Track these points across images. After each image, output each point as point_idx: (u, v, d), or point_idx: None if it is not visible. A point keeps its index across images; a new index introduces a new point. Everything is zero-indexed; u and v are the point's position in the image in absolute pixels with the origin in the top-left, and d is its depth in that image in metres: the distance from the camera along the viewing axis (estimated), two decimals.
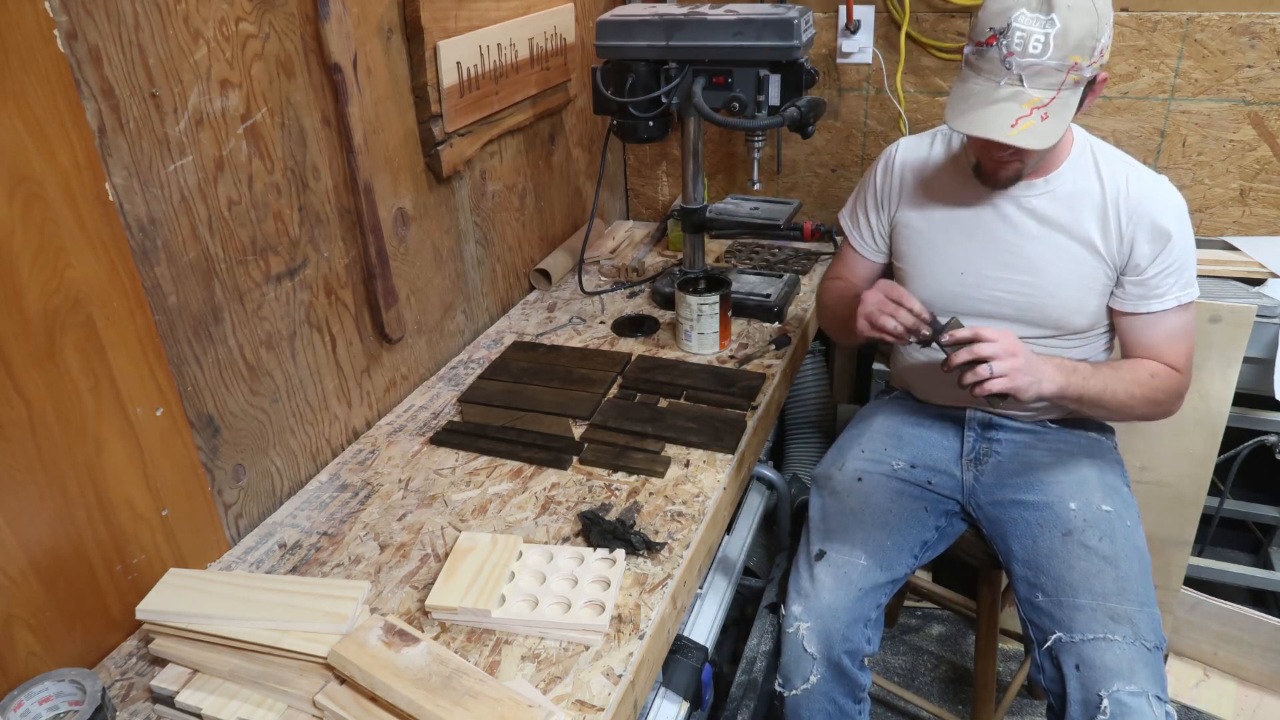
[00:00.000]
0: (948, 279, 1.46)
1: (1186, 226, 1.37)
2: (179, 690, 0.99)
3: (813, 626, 1.32)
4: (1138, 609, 1.26)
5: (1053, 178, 1.38)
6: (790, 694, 1.33)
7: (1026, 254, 1.40)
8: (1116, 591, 1.27)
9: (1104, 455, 1.49)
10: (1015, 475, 1.47)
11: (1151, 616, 1.26)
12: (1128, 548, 1.33)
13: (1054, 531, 1.36)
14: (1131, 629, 1.23)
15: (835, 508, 1.46)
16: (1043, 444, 1.50)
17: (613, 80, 1.69)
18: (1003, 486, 1.47)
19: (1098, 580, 1.29)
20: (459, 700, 0.91)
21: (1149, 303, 1.38)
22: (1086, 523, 1.36)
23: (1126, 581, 1.29)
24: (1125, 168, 1.39)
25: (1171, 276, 1.37)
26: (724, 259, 2.16)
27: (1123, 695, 1.18)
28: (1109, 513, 1.37)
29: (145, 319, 1.09)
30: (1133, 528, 1.37)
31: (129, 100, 1.04)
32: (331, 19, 1.29)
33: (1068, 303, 1.40)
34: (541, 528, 1.26)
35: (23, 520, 0.97)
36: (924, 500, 1.49)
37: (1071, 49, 1.17)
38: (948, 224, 1.45)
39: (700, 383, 1.59)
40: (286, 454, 1.37)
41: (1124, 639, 1.22)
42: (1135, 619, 1.25)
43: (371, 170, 1.44)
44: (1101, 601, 1.26)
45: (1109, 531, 1.34)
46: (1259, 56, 1.88)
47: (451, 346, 1.79)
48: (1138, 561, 1.32)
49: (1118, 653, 1.21)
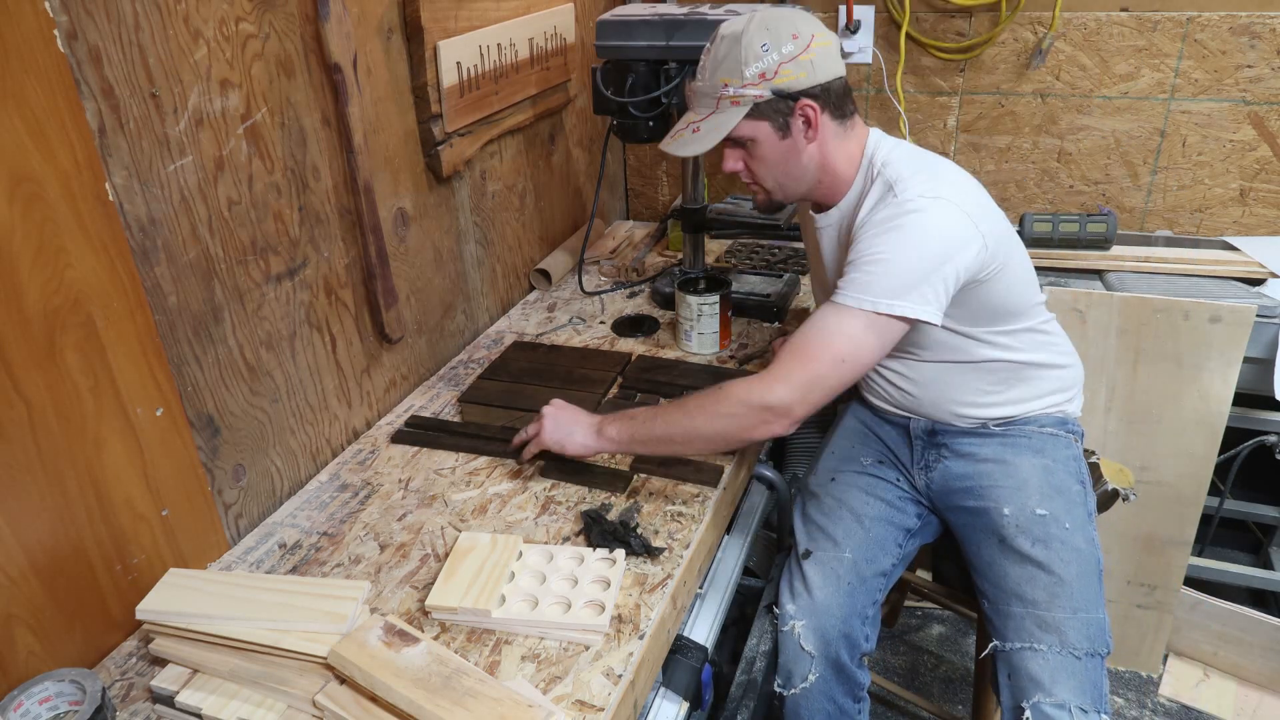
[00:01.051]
0: (821, 295, 1.54)
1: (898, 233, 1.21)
2: (179, 690, 0.99)
3: (808, 624, 1.33)
4: (1069, 615, 1.25)
5: (834, 210, 1.39)
6: (790, 693, 1.34)
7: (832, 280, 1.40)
8: (1047, 599, 1.27)
9: (1056, 453, 1.43)
10: (961, 479, 1.44)
11: (1086, 623, 1.24)
12: (1064, 551, 1.30)
13: (991, 538, 1.36)
14: (1058, 637, 1.23)
15: (815, 509, 1.48)
16: (986, 447, 1.45)
17: (613, 80, 1.69)
18: (950, 492, 1.45)
19: (1028, 587, 1.29)
20: (459, 700, 0.91)
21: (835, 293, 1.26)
22: (1019, 528, 1.33)
23: (1058, 587, 1.27)
24: (884, 187, 1.28)
25: (850, 270, 1.23)
26: (724, 259, 2.16)
27: (1043, 706, 1.19)
28: (1044, 516, 1.33)
29: (145, 319, 1.09)
30: (1072, 530, 1.32)
31: (129, 100, 1.04)
32: (331, 19, 1.29)
33: None
34: (541, 528, 1.26)
35: (23, 520, 0.97)
36: (897, 491, 1.49)
37: (718, 71, 1.28)
38: (811, 254, 1.54)
39: (700, 383, 1.59)
40: (286, 454, 1.37)
41: (1049, 648, 1.23)
42: (1064, 626, 1.24)
43: (371, 170, 1.44)
44: (1030, 609, 1.27)
45: (1043, 536, 1.32)
46: (1259, 56, 1.88)
47: (451, 346, 1.79)
48: (1075, 565, 1.29)
49: (1041, 663, 1.22)
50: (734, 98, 1.28)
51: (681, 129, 1.35)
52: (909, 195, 1.24)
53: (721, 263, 2.14)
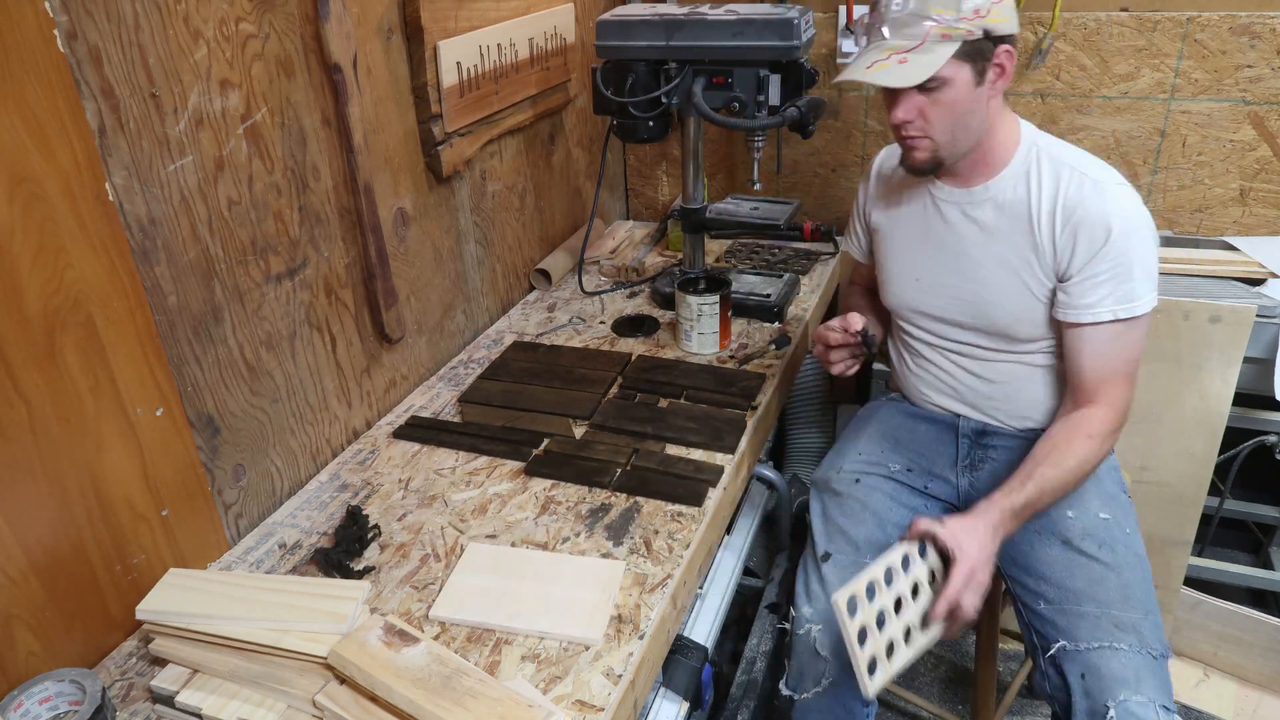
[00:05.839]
0: (908, 284, 1.47)
1: (1130, 236, 1.25)
2: (179, 690, 0.99)
3: (825, 628, 1.32)
4: (1142, 617, 1.25)
5: (992, 184, 1.34)
6: (800, 697, 1.33)
7: (971, 262, 1.38)
8: (1121, 599, 1.26)
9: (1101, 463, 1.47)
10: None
11: (1155, 625, 1.25)
12: (1128, 555, 1.32)
13: (1052, 539, 1.35)
14: (1137, 637, 1.22)
15: (836, 510, 1.46)
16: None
17: (613, 80, 1.69)
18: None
19: (1101, 588, 1.28)
20: (459, 700, 0.91)
21: (1079, 312, 1.29)
22: (1085, 531, 1.34)
23: (1130, 589, 1.28)
24: (1069, 171, 1.29)
25: (1103, 287, 1.27)
26: (724, 259, 2.16)
27: (1130, 705, 1.17)
28: (1107, 520, 1.35)
29: (145, 319, 1.09)
30: (1131, 535, 1.36)
31: (129, 100, 1.04)
32: (331, 19, 1.29)
33: (1011, 311, 1.37)
34: (541, 528, 1.26)
35: (23, 520, 0.97)
36: (922, 500, 1.49)
37: (931, 2, 1.18)
38: (908, 230, 1.46)
39: (700, 383, 1.59)
40: (286, 454, 1.37)
41: (1130, 647, 1.21)
42: (1140, 627, 1.24)
43: (371, 170, 1.44)
44: (1106, 609, 1.25)
45: (1108, 539, 1.33)
46: (1259, 56, 1.88)
47: (451, 346, 1.79)
48: (1139, 569, 1.31)
49: (1124, 661, 1.20)
50: (946, 31, 1.17)
51: (881, 58, 1.20)
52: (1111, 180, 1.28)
53: (721, 263, 2.14)
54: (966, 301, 1.40)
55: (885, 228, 1.50)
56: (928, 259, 1.43)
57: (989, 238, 1.36)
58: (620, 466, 1.37)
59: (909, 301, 1.47)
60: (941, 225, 1.40)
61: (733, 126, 1.60)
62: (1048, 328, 1.37)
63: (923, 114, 1.25)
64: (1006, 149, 1.33)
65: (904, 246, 1.47)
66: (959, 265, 1.39)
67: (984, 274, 1.37)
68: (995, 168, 1.33)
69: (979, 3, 1.18)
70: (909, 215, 1.45)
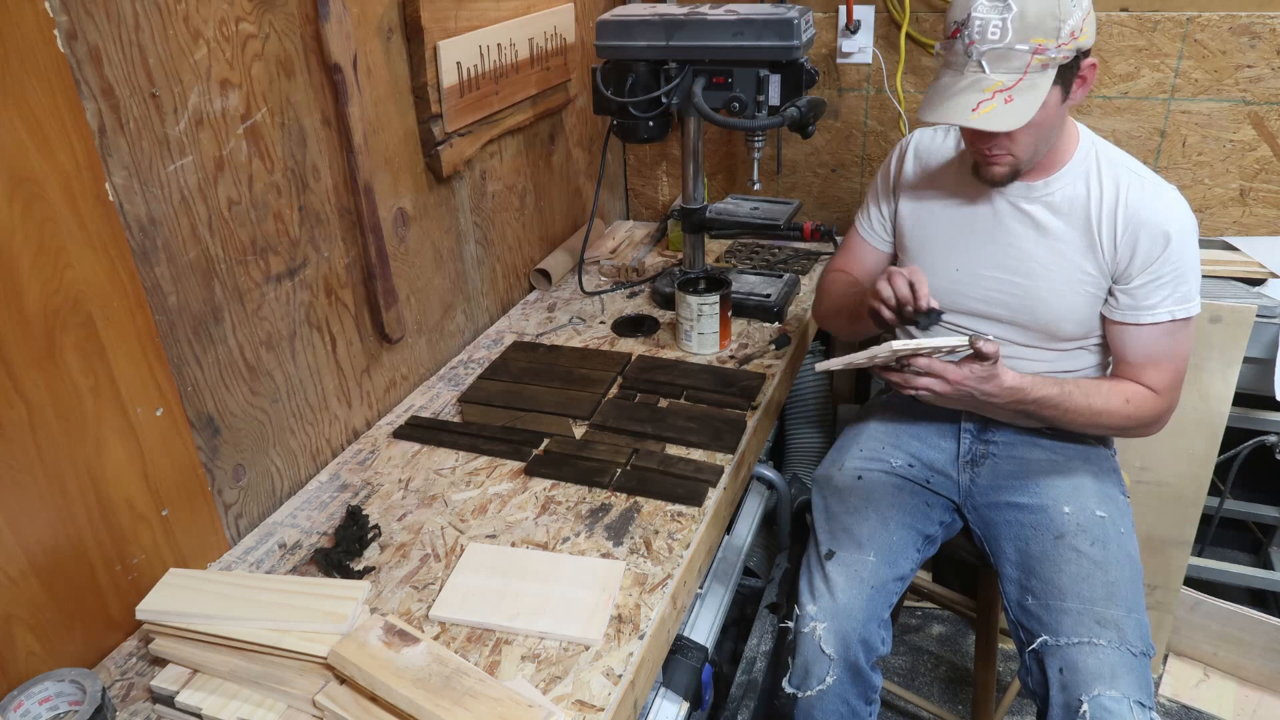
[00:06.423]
0: (943, 274, 1.45)
1: (1187, 240, 1.31)
2: (179, 690, 0.99)
3: (829, 626, 1.32)
4: (1125, 614, 1.26)
5: (1052, 181, 1.36)
6: (804, 695, 1.33)
7: (1020, 256, 1.39)
8: (1105, 596, 1.27)
9: (1100, 464, 1.48)
10: (1011, 478, 1.47)
11: (1139, 623, 1.26)
12: (1120, 554, 1.33)
13: (1047, 534, 1.36)
14: (1118, 634, 1.23)
15: (839, 508, 1.46)
16: (1039, 449, 1.50)
17: (613, 80, 1.69)
18: (998, 489, 1.47)
19: (1087, 584, 1.29)
20: (459, 700, 0.91)
21: (1138, 314, 1.34)
22: (1079, 527, 1.35)
23: (1116, 587, 1.28)
24: (1129, 175, 1.34)
25: (1164, 289, 1.32)
26: (724, 259, 2.16)
27: (1104, 700, 1.18)
28: (1103, 518, 1.37)
29: (145, 319, 1.09)
30: (1126, 535, 1.37)
31: (129, 100, 1.04)
32: (331, 19, 1.29)
33: (1057, 309, 1.38)
34: (541, 528, 1.26)
35: (23, 520, 0.97)
36: (924, 495, 1.49)
37: (1031, 30, 1.16)
38: (948, 219, 1.45)
39: (700, 383, 1.59)
40: (286, 454, 1.37)
41: (1109, 644, 1.22)
42: (1122, 624, 1.24)
43: (371, 170, 1.44)
44: (1089, 606, 1.26)
45: (1101, 536, 1.34)
46: (1259, 56, 1.88)
47: (451, 346, 1.79)
48: (1129, 568, 1.32)
49: (1101, 657, 1.21)
50: (1048, 60, 1.17)
51: (985, 98, 1.18)
52: (1165, 185, 1.33)
53: (721, 263, 2.14)
54: (1009, 295, 1.41)
55: (919, 214, 1.48)
56: (970, 250, 1.42)
57: (1042, 233, 1.37)
58: (620, 466, 1.37)
59: (944, 291, 1.44)
60: (990, 216, 1.40)
61: (733, 126, 1.60)
62: (1090, 326, 1.39)
63: (1010, 137, 1.26)
64: (1068, 148, 1.35)
65: (942, 235, 1.45)
66: (1006, 258, 1.39)
67: (1035, 268, 1.38)
68: (1056, 165, 1.35)
69: (1075, 24, 1.17)
70: (952, 203, 1.44)
